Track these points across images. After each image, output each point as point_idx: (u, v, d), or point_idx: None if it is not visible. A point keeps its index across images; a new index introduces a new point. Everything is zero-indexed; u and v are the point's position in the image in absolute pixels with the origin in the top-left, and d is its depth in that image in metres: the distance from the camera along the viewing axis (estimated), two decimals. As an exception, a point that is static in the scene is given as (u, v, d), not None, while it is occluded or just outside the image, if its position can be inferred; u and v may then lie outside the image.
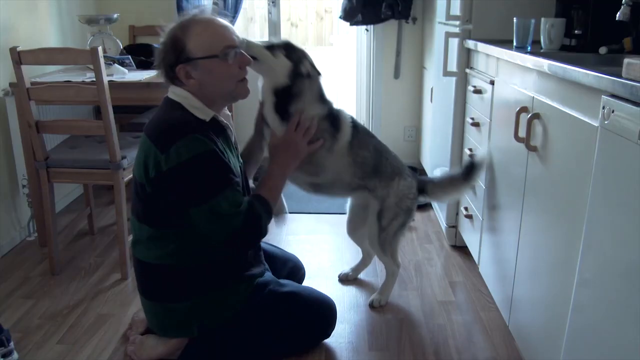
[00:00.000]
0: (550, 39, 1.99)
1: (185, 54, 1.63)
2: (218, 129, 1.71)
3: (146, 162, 1.63)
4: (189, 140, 1.57)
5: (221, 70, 1.65)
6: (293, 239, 2.82)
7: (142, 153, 1.66)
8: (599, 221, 1.24)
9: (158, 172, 1.59)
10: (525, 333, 1.76)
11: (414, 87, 3.86)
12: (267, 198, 1.75)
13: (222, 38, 1.65)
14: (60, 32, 3.19)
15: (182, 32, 1.63)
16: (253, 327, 1.79)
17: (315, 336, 1.93)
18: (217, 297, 1.76)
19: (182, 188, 1.61)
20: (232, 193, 1.63)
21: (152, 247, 1.72)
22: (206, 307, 1.76)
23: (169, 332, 1.81)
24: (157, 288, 1.77)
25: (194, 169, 1.58)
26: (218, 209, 1.60)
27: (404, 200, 2.07)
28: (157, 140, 1.61)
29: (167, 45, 1.65)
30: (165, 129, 1.62)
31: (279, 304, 1.82)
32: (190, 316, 1.76)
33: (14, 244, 2.72)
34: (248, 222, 1.65)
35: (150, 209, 1.69)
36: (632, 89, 1.09)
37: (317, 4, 6.43)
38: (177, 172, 1.58)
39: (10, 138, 2.65)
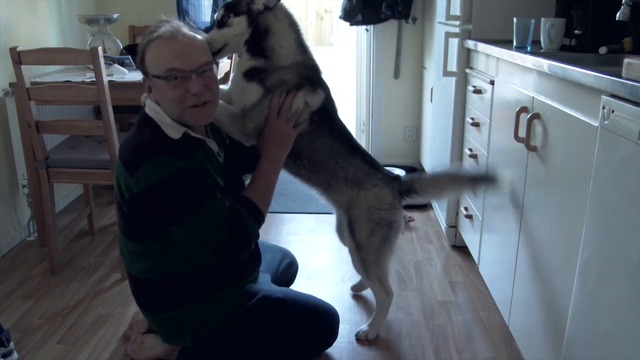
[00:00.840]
0: (550, 39, 1.99)
1: (145, 68, 1.60)
2: (193, 143, 1.62)
3: (120, 183, 1.60)
4: (155, 163, 1.52)
5: (166, 93, 1.57)
6: (293, 239, 2.82)
7: (116, 172, 1.63)
8: (599, 221, 1.24)
9: (130, 194, 1.57)
10: (525, 333, 1.76)
11: (414, 87, 3.86)
12: (256, 200, 1.67)
13: (169, 60, 1.54)
14: (60, 32, 3.19)
15: (145, 45, 1.59)
16: (247, 334, 1.76)
17: (315, 343, 1.89)
18: (210, 303, 1.74)
19: (154, 209, 1.57)
20: (210, 208, 1.57)
21: (136, 260, 1.71)
22: (199, 313, 1.74)
23: (166, 341, 1.81)
24: (148, 300, 1.77)
25: (162, 191, 1.53)
26: (198, 225, 1.56)
27: (373, 213, 1.84)
28: (126, 164, 1.57)
29: (138, 54, 1.62)
30: (132, 151, 1.58)
31: (272, 310, 1.79)
32: (184, 323, 1.75)
33: (14, 244, 2.72)
34: (232, 233, 1.60)
35: (130, 225, 1.68)
36: (632, 89, 1.09)
37: (317, 4, 6.43)
38: (146, 195, 1.53)
39: (10, 138, 2.65)
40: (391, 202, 1.86)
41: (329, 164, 1.84)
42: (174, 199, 1.55)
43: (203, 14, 3.78)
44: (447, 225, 2.72)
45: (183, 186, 1.54)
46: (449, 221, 2.71)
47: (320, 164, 1.84)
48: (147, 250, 1.68)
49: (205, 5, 3.77)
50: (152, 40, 1.58)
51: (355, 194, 1.84)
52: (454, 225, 2.69)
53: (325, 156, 1.83)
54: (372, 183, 1.85)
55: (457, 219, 2.66)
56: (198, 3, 3.74)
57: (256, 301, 1.78)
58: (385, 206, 1.85)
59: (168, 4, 3.67)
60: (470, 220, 2.41)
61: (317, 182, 1.88)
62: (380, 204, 1.85)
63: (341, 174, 1.84)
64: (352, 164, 1.85)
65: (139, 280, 1.74)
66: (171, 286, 1.71)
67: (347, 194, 1.85)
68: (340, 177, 1.84)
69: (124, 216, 1.66)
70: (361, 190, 1.84)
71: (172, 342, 1.80)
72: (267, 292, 1.81)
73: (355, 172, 1.85)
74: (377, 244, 1.86)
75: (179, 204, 1.55)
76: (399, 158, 3.95)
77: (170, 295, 1.73)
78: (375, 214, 1.84)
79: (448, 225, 2.71)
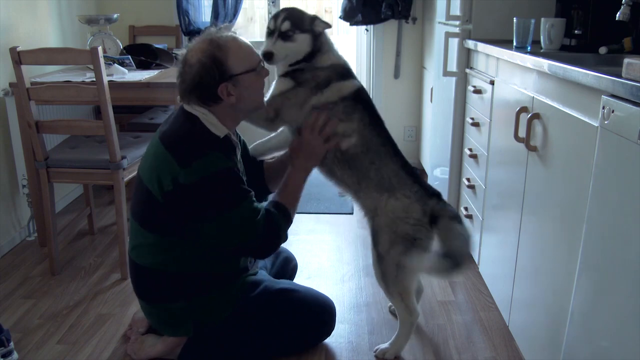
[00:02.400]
0: (550, 39, 1.99)
1: (228, 72, 1.62)
2: (230, 146, 1.71)
3: (160, 172, 1.62)
4: (211, 157, 1.60)
5: (257, 84, 1.70)
6: (293, 239, 2.81)
7: (155, 161, 1.65)
8: (599, 221, 1.24)
9: (175, 185, 1.60)
10: (525, 333, 1.76)
11: (414, 87, 3.86)
12: (286, 204, 1.76)
13: (255, 53, 1.71)
14: (60, 32, 3.19)
15: (220, 52, 1.62)
16: (250, 324, 1.80)
17: (314, 334, 1.93)
18: (213, 296, 1.77)
19: (200, 202, 1.62)
20: (249, 206, 1.65)
21: (154, 253, 1.72)
22: (202, 306, 1.77)
23: (165, 331, 1.82)
24: (153, 290, 1.78)
25: (214, 185, 1.60)
26: (235, 222, 1.63)
27: (398, 224, 1.73)
28: (175, 153, 1.61)
29: (207, 65, 1.60)
30: (186, 142, 1.63)
31: (275, 300, 1.83)
32: (186, 315, 1.77)
33: (14, 244, 2.72)
34: (266, 233, 1.67)
35: (157, 217, 1.69)
36: (632, 89, 1.09)
37: (317, 4, 6.43)
38: (197, 187, 1.59)
39: (10, 138, 2.65)
40: (418, 218, 1.73)
41: (364, 162, 1.78)
42: (221, 193, 1.62)
43: (203, 14, 3.78)
44: (447, 225, 2.72)
45: (230, 183, 1.63)
46: (449, 221, 2.70)
47: (355, 160, 1.78)
48: (171, 243, 1.70)
49: (205, 5, 3.78)
50: (227, 46, 1.62)
51: (384, 200, 1.75)
52: (454, 225, 2.68)
53: (360, 152, 1.78)
54: (404, 193, 1.75)
55: (457, 219, 2.66)
56: (198, 3, 3.74)
57: (258, 292, 1.81)
58: (412, 220, 1.73)
59: (168, 4, 3.68)
60: (470, 220, 2.41)
61: (349, 182, 1.82)
62: (407, 217, 1.73)
63: (374, 177, 1.77)
64: (388, 168, 1.78)
65: (145, 270, 1.75)
66: (179, 279, 1.73)
67: (375, 198, 1.77)
68: (372, 180, 1.78)
69: (151, 207, 1.67)
70: (390, 198, 1.75)
71: (173, 333, 1.81)
72: (268, 283, 1.86)
73: (389, 177, 1.77)
74: (397, 257, 1.74)
75: (224, 198, 1.62)
76: (399, 158, 3.94)
77: (175, 288, 1.75)
78: (400, 227, 1.73)
79: (448, 225, 2.71)
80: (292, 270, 2.23)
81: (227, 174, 1.62)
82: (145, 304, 1.83)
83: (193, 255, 1.72)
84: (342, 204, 3.27)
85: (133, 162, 2.40)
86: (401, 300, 1.81)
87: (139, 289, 1.82)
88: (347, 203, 3.27)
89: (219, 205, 1.62)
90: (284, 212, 1.74)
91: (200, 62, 1.61)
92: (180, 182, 1.58)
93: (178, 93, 1.70)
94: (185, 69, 1.64)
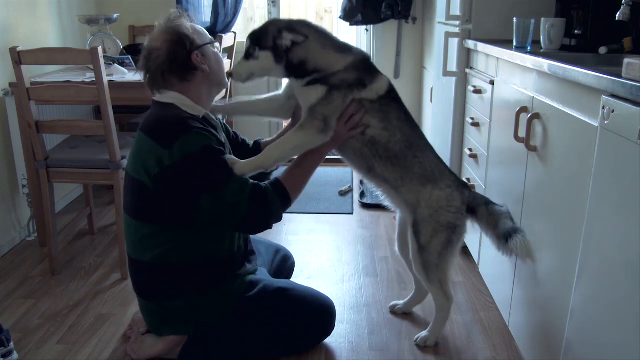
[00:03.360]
0: (550, 39, 1.99)
1: (195, 43, 1.71)
2: (211, 125, 1.74)
3: (145, 159, 1.64)
4: (192, 134, 1.62)
5: (218, 57, 1.79)
6: (293, 239, 2.82)
7: (139, 151, 1.68)
8: (599, 221, 1.24)
9: (161, 168, 1.61)
10: (525, 333, 1.76)
11: (414, 87, 3.86)
12: (288, 185, 1.73)
13: (205, 31, 1.80)
14: (60, 32, 3.19)
15: (180, 29, 1.70)
16: (250, 324, 1.80)
17: (314, 334, 1.93)
18: (212, 294, 1.77)
19: (188, 180, 1.62)
20: (236, 181, 1.64)
21: (148, 245, 1.73)
22: (201, 305, 1.77)
23: (164, 330, 1.82)
24: (153, 287, 1.78)
25: (199, 162, 1.61)
26: (224, 198, 1.62)
27: (441, 214, 1.79)
28: (156, 137, 1.63)
29: (174, 41, 1.69)
30: (165, 125, 1.65)
31: (274, 299, 1.83)
32: (186, 314, 1.77)
33: (14, 244, 2.72)
34: (253, 210, 1.66)
35: (150, 205, 1.69)
36: (632, 89, 1.09)
37: (317, 4, 6.43)
38: (182, 166, 1.60)
39: (10, 138, 2.65)
40: (459, 207, 1.81)
41: (408, 157, 1.79)
42: (206, 169, 1.62)
43: (203, 13, 3.78)
44: (447, 225, 2.72)
45: (214, 159, 1.63)
46: (449, 221, 2.70)
47: (399, 156, 1.79)
48: (164, 232, 1.70)
49: (205, 5, 3.78)
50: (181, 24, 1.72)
51: (428, 192, 1.79)
52: (454, 225, 2.68)
53: (404, 147, 1.79)
54: (446, 184, 1.81)
55: (457, 219, 2.66)
56: (198, 3, 3.74)
57: (257, 291, 1.82)
58: (454, 209, 1.80)
59: (168, 4, 3.67)
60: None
61: (389, 178, 1.82)
62: (449, 206, 1.80)
63: (418, 170, 1.80)
64: (430, 160, 1.82)
65: (144, 266, 1.75)
66: (177, 274, 1.74)
67: (418, 191, 1.80)
68: (415, 174, 1.80)
69: (143, 196, 1.68)
70: (435, 189, 1.80)
71: (162, 332, 1.82)
72: (267, 282, 1.86)
73: (432, 169, 1.81)
74: (439, 246, 1.81)
75: (210, 175, 1.62)
76: (399, 158, 3.95)
77: (174, 284, 1.75)
78: (443, 216, 1.79)
79: (448, 225, 2.71)
80: (289, 269, 2.24)
81: (211, 151, 1.63)
82: (144, 301, 1.83)
83: (186, 247, 1.72)
84: (342, 204, 3.27)
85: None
86: (440, 287, 1.87)
87: (138, 286, 1.82)
88: (347, 203, 3.27)
89: (205, 183, 1.62)
90: (281, 191, 1.71)
91: (167, 41, 1.69)
92: (166, 165, 1.60)
93: (147, 85, 1.76)
94: (152, 56, 1.70)
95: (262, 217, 1.70)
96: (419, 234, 1.81)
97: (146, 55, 1.72)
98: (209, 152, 1.62)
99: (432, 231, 1.80)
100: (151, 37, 1.73)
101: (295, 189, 1.76)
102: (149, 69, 1.72)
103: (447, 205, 1.80)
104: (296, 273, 2.32)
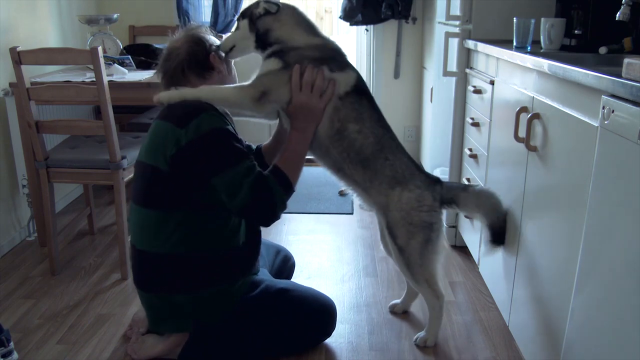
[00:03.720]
0: (550, 39, 1.99)
1: (213, 44, 1.81)
2: (226, 114, 1.78)
3: (161, 142, 1.67)
4: (208, 115, 1.66)
5: (230, 64, 1.89)
6: (293, 239, 2.82)
7: (155, 136, 1.71)
8: (599, 221, 1.24)
9: (178, 148, 1.64)
10: (525, 333, 1.76)
11: (414, 87, 3.86)
12: (284, 169, 1.72)
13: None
14: (60, 32, 3.19)
15: (199, 33, 1.83)
16: (251, 324, 1.80)
17: (315, 334, 1.93)
18: (215, 291, 1.77)
19: (201, 159, 1.64)
20: (247, 165, 1.66)
21: (157, 235, 1.72)
22: (203, 301, 1.77)
23: (164, 326, 1.82)
24: (156, 278, 1.77)
25: (212, 142, 1.64)
26: (233, 180, 1.64)
27: (413, 215, 1.78)
28: (173, 119, 1.67)
29: (195, 41, 1.79)
30: (182, 109, 1.69)
31: (275, 299, 1.83)
32: (187, 310, 1.77)
33: (14, 244, 2.72)
34: (257, 196, 1.65)
35: (162, 190, 1.70)
36: (632, 89, 1.09)
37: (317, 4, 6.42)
38: (197, 145, 1.63)
39: (10, 138, 2.65)
40: (431, 204, 1.79)
41: (379, 159, 1.78)
42: (218, 150, 1.65)
43: (203, 14, 3.78)
44: (447, 225, 2.72)
45: (227, 140, 1.67)
46: (449, 221, 2.70)
47: (370, 158, 1.78)
48: (174, 219, 1.70)
49: (205, 5, 3.78)
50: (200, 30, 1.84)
51: (397, 194, 1.78)
52: (454, 225, 2.69)
53: (376, 150, 1.77)
54: (415, 184, 1.80)
55: (457, 219, 2.66)
56: (198, 3, 3.74)
57: (259, 292, 1.82)
58: (426, 208, 1.79)
59: (168, 4, 3.67)
60: (470, 220, 2.41)
61: (359, 179, 1.81)
62: (420, 206, 1.78)
63: (389, 172, 1.79)
64: (401, 161, 1.80)
65: (152, 256, 1.74)
66: (182, 266, 1.73)
67: (387, 194, 1.79)
68: (386, 176, 1.79)
69: (155, 181, 1.69)
70: (404, 191, 1.78)
71: (162, 328, 1.82)
72: (269, 282, 1.87)
73: (403, 171, 1.80)
74: (418, 246, 1.80)
75: (222, 156, 1.65)
76: (399, 158, 3.95)
77: (178, 276, 1.74)
78: (415, 217, 1.78)
79: (448, 225, 2.71)
80: (289, 269, 2.24)
81: (225, 133, 1.67)
82: (146, 295, 1.81)
83: (196, 232, 1.72)
84: (342, 204, 3.27)
85: (133, 162, 2.40)
86: (428, 286, 1.85)
87: (141, 277, 1.81)
88: (347, 203, 3.27)
89: (216, 163, 1.64)
90: (279, 176, 1.70)
91: (188, 42, 1.79)
92: (182, 144, 1.63)
93: (163, 85, 1.79)
94: (172, 56, 1.78)
95: (265, 202, 1.68)
96: (395, 237, 1.81)
97: (166, 56, 1.81)
98: (222, 133, 1.66)
99: (407, 232, 1.79)
100: (171, 42, 1.82)
101: (291, 170, 1.73)
102: (167, 68, 1.79)
103: (418, 205, 1.78)
104: (296, 273, 2.32)
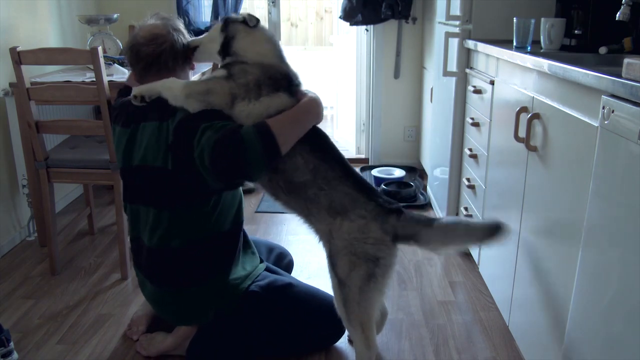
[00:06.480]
0: (550, 39, 1.99)
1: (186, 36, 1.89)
2: None
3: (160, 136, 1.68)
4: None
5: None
6: (293, 239, 2.82)
7: (151, 136, 1.70)
8: (598, 221, 1.24)
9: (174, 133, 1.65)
10: (525, 333, 1.76)
11: (414, 87, 3.86)
12: (272, 125, 1.58)
13: None
14: (60, 32, 3.19)
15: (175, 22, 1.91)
16: (259, 314, 1.82)
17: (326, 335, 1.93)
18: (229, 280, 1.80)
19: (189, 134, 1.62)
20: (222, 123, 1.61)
21: (172, 231, 1.72)
22: (220, 290, 1.79)
23: (184, 320, 1.84)
24: (174, 274, 1.77)
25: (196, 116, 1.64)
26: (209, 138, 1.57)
27: (357, 246, 1.60)
28: (160, 114, 1.69)
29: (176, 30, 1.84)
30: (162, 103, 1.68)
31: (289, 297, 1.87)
32: (206, 300, 1.79)
33: (14, 244, 2.72)
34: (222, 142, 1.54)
35: (172, 187, 1.70)
36: (632, 89, 1.09)
37: (317, 4, 6.43)
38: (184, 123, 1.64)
39: (10, 138, 2.65)
40: (379, 237, 1.60)
41: (310, 189, 1.64)
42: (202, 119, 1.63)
43: (203, 14, 3.78)
44: (447, 225, 2.72)
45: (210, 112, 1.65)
46: (449, 221, 2.70)
47: (300, 187, 1.65)
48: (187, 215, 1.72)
49: (205, 5, 3.77)
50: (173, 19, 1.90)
51: (337, 223, 1.63)
52: (454, 225, 2.68)
53: (307, 179, 1.64)
54: (358, 214, 1.62)
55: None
56: (198, 3, 3.74)
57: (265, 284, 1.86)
58: (371, 240, 1.60)
59: (168, 4, 3.67)
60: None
61: (296, 207, 1.70)
62: (365, 237, 1.60)
63: (324, 202, 1.64)
64: (338, 191, 1.64)
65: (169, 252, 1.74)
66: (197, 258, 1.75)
67: (328, 223, 1.64)
68: (322, 205, 1.64)
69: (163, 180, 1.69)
70: (345, 220, 1.62)
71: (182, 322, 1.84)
72: (274, 278, 1.90)
73: (341, 200, 1.63)
74: (359, 280, 1.60)
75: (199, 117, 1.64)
76: (399, 158, 3.95)
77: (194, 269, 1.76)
78: (359, 248, 1.60)
79: (448, 225, 2.71)
80: (286, 267, 2.22)
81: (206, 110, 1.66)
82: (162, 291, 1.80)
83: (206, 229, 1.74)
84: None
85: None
86: (362, 331, 1.65)
87: (157, 276, 1.79)
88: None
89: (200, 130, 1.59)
90: (262, 129, 1.56)
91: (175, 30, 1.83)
92: (171, 129, 1.66)
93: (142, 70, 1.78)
94: (158, 41, 1.77)
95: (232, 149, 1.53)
96: (335, 267, 1.64)
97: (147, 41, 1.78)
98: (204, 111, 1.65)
99: (348, 263, 1.61)
100: (148, 27, 1.83)
101: (280, 127, 1.58)
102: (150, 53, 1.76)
103: (362, 237, 1.60)
104: (296, 273, 2.32)
